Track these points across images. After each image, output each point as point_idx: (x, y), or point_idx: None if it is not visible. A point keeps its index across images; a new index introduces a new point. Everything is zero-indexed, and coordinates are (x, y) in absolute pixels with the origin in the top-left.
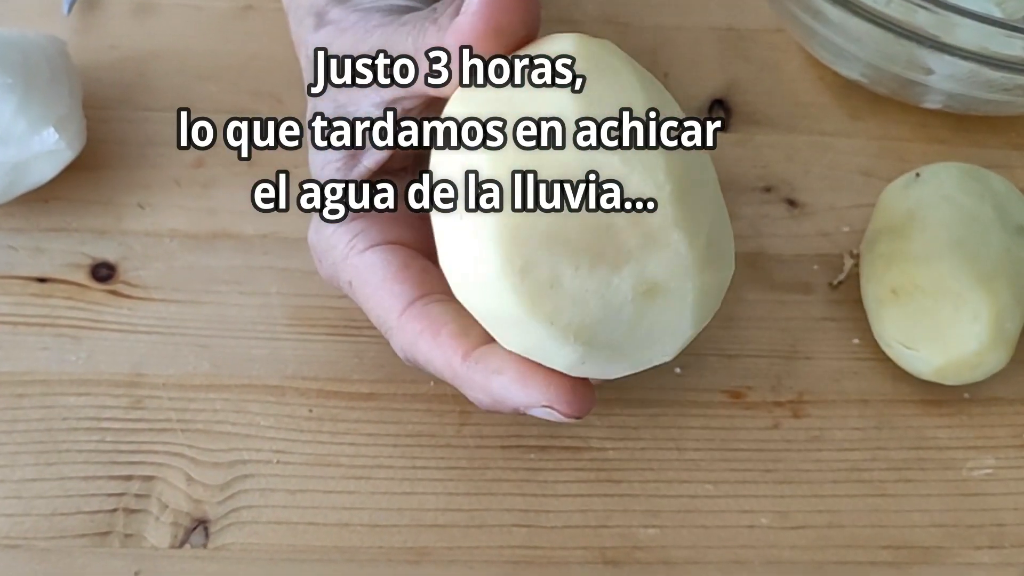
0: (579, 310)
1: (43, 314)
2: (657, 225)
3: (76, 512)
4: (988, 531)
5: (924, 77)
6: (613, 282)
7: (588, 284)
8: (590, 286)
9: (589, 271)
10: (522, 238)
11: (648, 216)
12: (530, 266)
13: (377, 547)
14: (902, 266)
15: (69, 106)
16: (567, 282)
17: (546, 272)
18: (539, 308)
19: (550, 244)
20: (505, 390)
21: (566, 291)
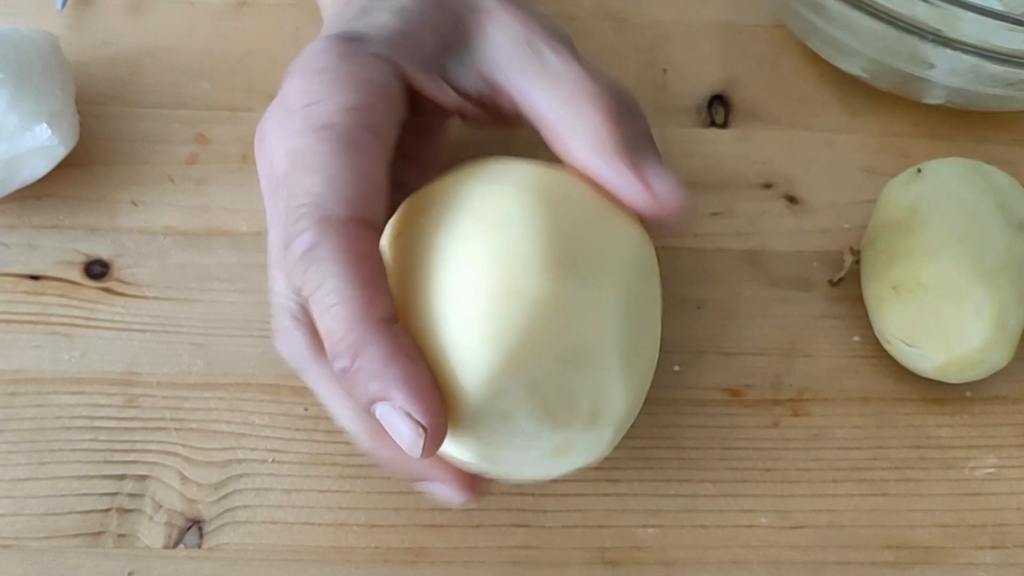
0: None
1: (36, 312)
2: (605, 411)
3: (69, 512)
4: (990, 531)
5: (926, 72)
6: (540, 441)
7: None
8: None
9: (536, 422)
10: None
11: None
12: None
13: (373, 547)
14: (904, 262)
15: (62, 102)
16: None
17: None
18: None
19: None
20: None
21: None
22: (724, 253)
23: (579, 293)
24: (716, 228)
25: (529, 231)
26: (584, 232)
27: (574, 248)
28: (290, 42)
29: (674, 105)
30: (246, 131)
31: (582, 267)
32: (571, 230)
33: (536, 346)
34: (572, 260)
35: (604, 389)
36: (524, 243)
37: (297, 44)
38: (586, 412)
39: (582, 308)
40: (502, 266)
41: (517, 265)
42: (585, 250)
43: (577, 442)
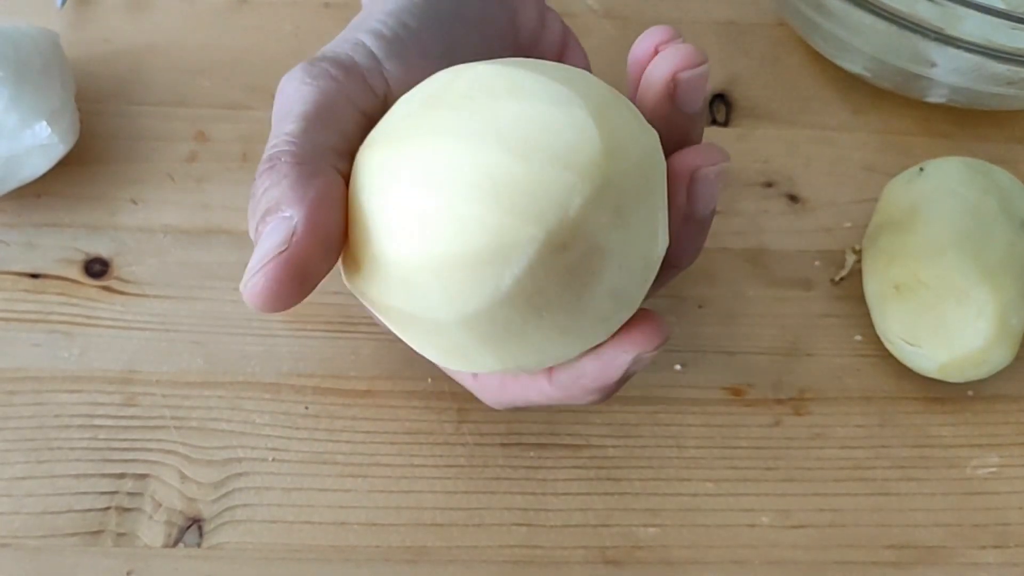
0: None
1: (35, 310)
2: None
3: (68, 510)
4: (992, 530)
5: (928, 70)
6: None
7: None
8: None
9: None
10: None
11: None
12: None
13: (374, 546)
14: (905, 261)
15: (62, 100)
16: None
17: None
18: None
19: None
20: (598, 379)
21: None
22: (725, 252)
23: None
24: (717, 227)
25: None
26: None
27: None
28: (290, 40)
29: None
30: (246, 129)
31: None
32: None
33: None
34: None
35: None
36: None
37: (297, 42)
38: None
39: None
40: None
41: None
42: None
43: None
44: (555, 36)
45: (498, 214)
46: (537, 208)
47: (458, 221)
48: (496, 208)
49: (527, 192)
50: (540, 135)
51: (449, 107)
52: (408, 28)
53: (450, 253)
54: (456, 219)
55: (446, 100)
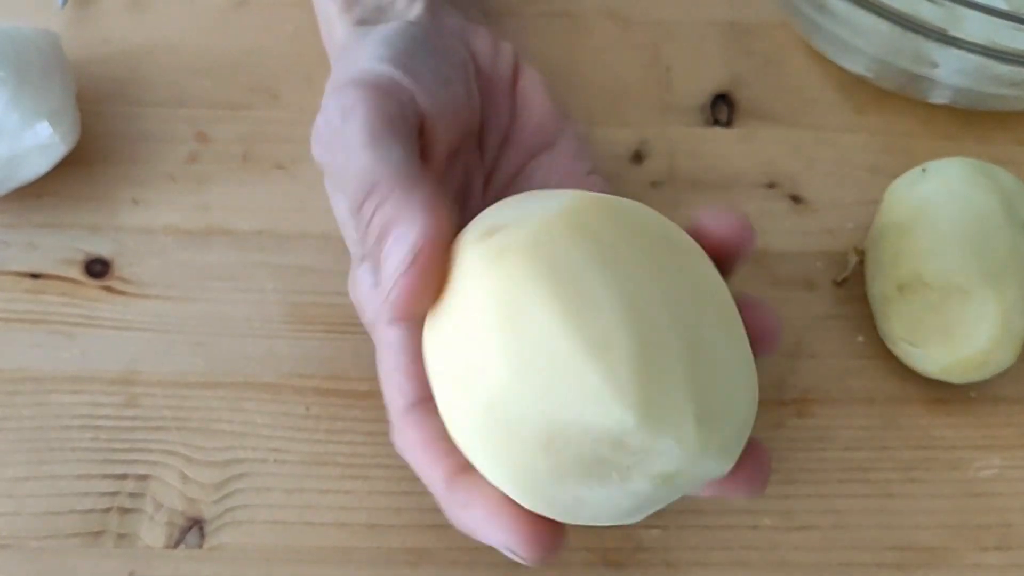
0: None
1: (36, 310)
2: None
3: (69, 511)
4: (995, 532)
5: (930, 71)
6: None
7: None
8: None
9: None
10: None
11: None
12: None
13: (375, 548)
14: (908, 262)
15: (62, 100)
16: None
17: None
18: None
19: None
20: (473, 524)
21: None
22: None
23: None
24: None
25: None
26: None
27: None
28: (291, 40)
29: (678, 104)
30: (247, 129)
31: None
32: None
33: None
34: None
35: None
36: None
37: (298, 42)
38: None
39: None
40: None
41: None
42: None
43: (657, 466)
44: (508, 60)
45: (631, 379)
46: (651, 410)
47: (607, 340)
48: (635, 374)
49: (662, 391)
50: (718, 373)
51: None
52: (405, 52)
53: (580, 354)
54: (607, 337)
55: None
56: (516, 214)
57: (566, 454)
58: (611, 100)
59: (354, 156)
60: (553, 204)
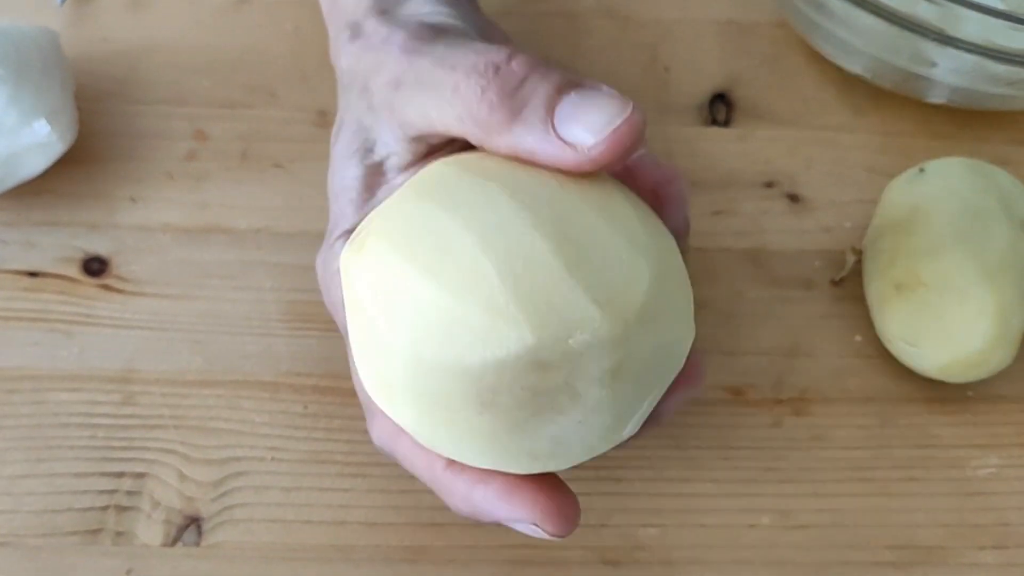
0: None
1: (34, 309)
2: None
3: (67, 509)
4: (992, 531)
5: (928, 71)
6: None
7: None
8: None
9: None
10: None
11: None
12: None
13: (373, 546)
14: (906, 262)
15: (61, 98)
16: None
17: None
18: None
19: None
20: (488, 503)
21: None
22: (725, 252)
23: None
24: (717, 227)
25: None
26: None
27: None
28: (290, 39)
29: (676, 104)
30: (246, 128)
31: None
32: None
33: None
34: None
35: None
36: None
37: (297, 40)
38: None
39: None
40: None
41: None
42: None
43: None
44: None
45: (507, 296)
46: (545, 315)
47: (474, 278)
48: (511, 289)
49: (547, 297)
50: (597, 259)
51: (540, 176)
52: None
53: (447, 304)
54: (473, 276)
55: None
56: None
57: (504, 401)
58: None
59: (466, 46)
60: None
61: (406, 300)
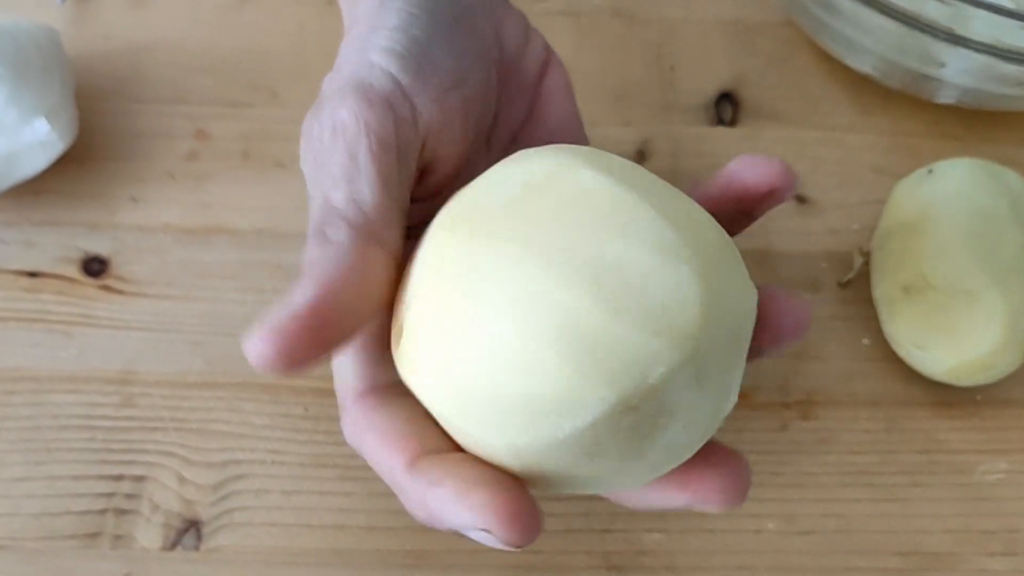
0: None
1: (33, 309)
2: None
3: (65, 512)
4: (1001, 537)
5: (937, 71)
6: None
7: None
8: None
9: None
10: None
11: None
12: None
13: (374, 550)
14: (914, 264)
15: (61, 96)
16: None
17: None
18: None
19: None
20: (440, 505)
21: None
22: None
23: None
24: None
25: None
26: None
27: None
28: (293, 37)
29: (681, 103)
30: (247, 127)
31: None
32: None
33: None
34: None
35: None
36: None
37: (300, 39)
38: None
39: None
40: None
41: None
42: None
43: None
44: (538, 53)
45: (572, 366)
46: (615, 369)
47: (529, 361)
48: (572, 359)
49: (608, 350)
50: (637, 288)
51: (549, 213)
52: (418, 43)
53: (513, 391)
54: (527, 359)
55: (545, 202)
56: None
57: (610, 446)
58: (614, 99)
59: (330, 186)
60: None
61: (476, 395)
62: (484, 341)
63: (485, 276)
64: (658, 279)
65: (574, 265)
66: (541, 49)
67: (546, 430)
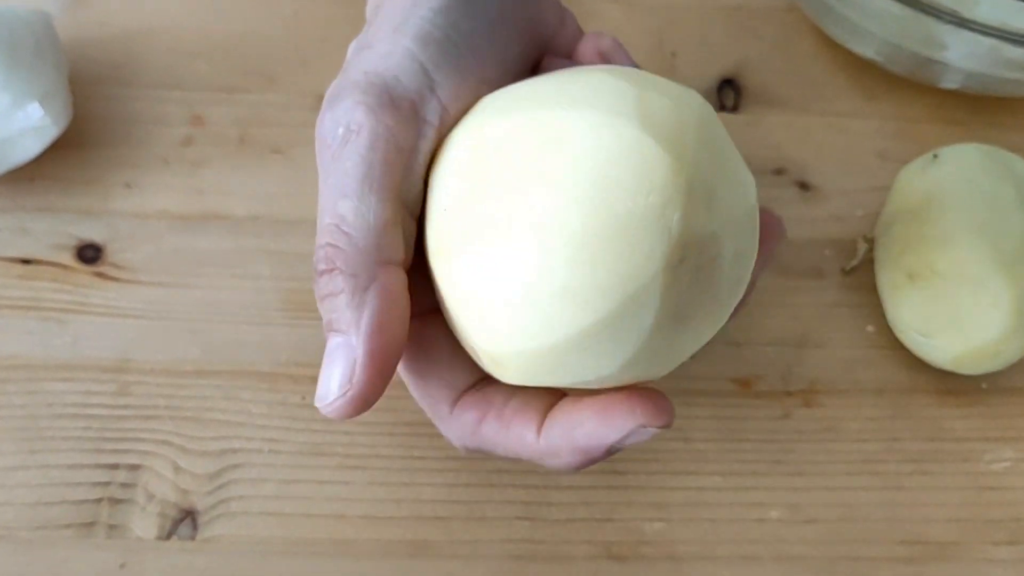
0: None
1: (27, 297)
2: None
3: (60, 502)
4: (1007, 526)
5: (942, 55)
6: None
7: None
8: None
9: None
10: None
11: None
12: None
13: (373, 540)
14: (919, 250)
15: (54, 81)
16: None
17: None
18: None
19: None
20: (592, 437)
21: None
22: None
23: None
24: None
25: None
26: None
27: None
28: (290, 22)
29: None
30: (243, 113)
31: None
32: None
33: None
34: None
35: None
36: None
37: (296, 24)
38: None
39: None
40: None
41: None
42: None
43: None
44: (573, 31)
45: (613, 267)
46: (643, 247)
47: (578, 294)
48: (606, 262)
49: (627, 237)
50: (614, 176)
51: (522, 156)
52: (459, 29)
53: (587, 325)
54: (574, 293)
55: (516, 148)
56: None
57: (683, 277)
58: None
59: (339, 193)
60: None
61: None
62: (535, 305)
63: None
64: (624, 156)
65: (560, 183)
66: (574, 27)
67: (634, 332)
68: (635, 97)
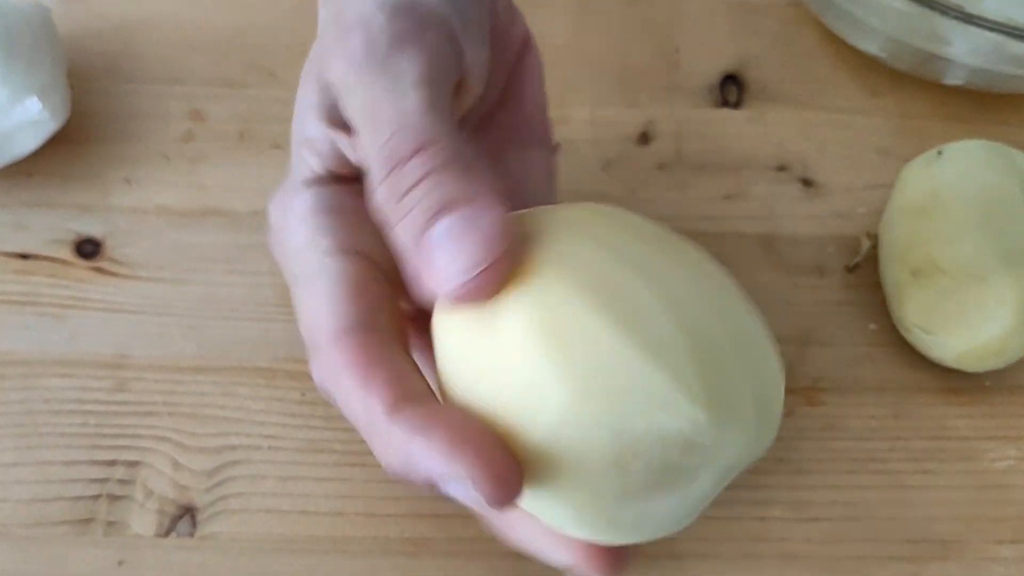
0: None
1: (25, 292)
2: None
3: (57, 498)
4: (1011, 524)
5: (945, 51)
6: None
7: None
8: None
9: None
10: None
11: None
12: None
13: (372, 537)
14: (923, 247)
15: (53, 75)
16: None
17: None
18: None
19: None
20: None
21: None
22: (737, 237)
23: None
24: (729, 211)
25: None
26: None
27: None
28: (290, 16)
29: (686, 85)
30: (243, 108)
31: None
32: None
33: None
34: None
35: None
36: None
37: (296, 18)
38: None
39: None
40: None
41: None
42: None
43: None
44: (522, 30)
45: (696, 378)
46: (719, 405)
47: (665, 345)
48: (699, 374)
49: (722, 386)
50: (756, 361)
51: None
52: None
53: (641, 363)
54: (664, 342)
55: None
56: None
57: (636, 467)
58: (618, 80)
59: (401, 95)
60: (558, 217)
61: (586, 345)
62: (632, 310)
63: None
64: (765, 382)
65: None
66: (523, 26)
67: (627, 408)
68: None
